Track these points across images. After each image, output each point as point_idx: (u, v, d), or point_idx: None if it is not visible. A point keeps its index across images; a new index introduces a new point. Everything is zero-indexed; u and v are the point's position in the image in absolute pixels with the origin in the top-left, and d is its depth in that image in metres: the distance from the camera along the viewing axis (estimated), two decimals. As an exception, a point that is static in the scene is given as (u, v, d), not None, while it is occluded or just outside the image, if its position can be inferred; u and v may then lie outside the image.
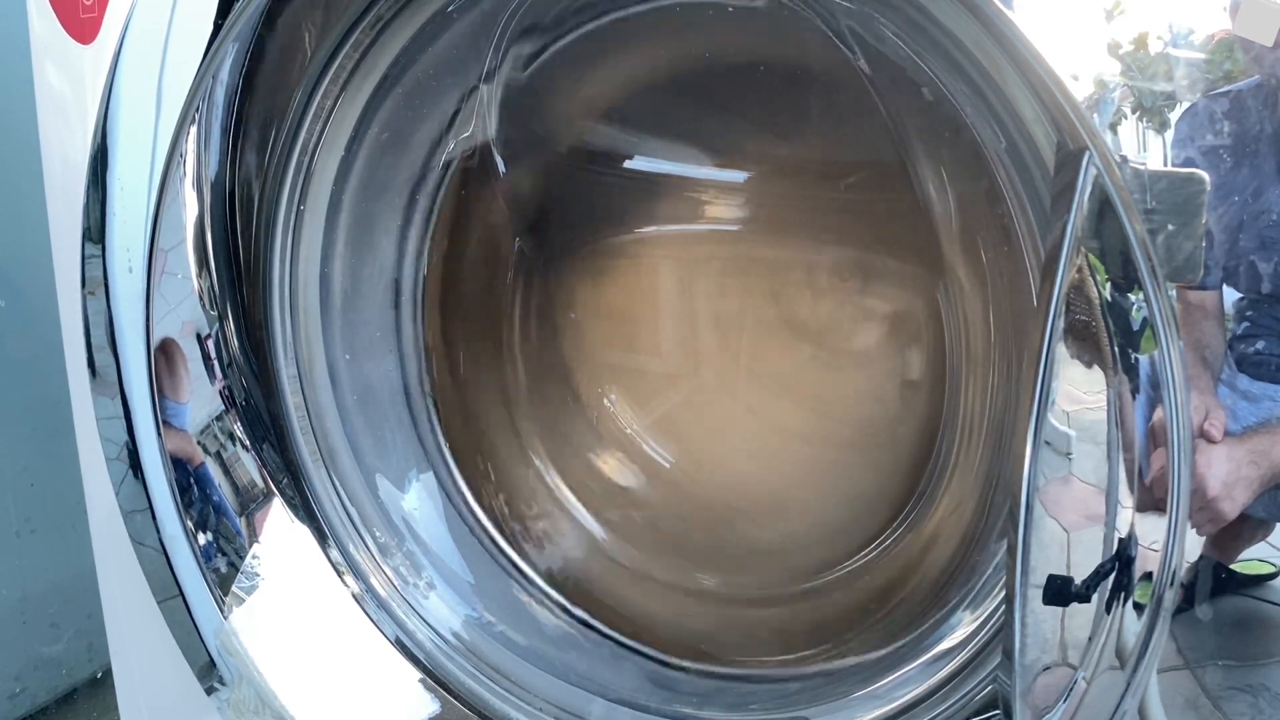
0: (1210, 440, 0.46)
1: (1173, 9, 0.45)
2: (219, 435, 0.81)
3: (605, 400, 1.00)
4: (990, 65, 0.54)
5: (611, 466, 0.99)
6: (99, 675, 1.45)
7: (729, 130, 0.89)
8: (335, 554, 0.83)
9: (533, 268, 0.97)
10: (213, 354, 0.80)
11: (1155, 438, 0.46)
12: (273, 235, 0.81)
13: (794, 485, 0.94)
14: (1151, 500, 0.47)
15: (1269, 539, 0.48)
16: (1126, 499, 0.47)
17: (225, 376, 0.81)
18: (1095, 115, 0.45)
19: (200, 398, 0.80)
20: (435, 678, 0.81)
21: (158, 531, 0.78)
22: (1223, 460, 0.46)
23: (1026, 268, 0.60)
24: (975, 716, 0.61)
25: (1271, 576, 0.48)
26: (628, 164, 0.93)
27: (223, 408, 0.81)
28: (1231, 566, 0.48)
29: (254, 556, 0.81)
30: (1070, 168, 0.46)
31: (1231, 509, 0.47)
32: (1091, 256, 0.46)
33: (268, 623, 0.80)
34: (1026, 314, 0.61)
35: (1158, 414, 0.46)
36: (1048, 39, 0.45)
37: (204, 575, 0.79)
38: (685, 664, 0.83)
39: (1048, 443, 0.47)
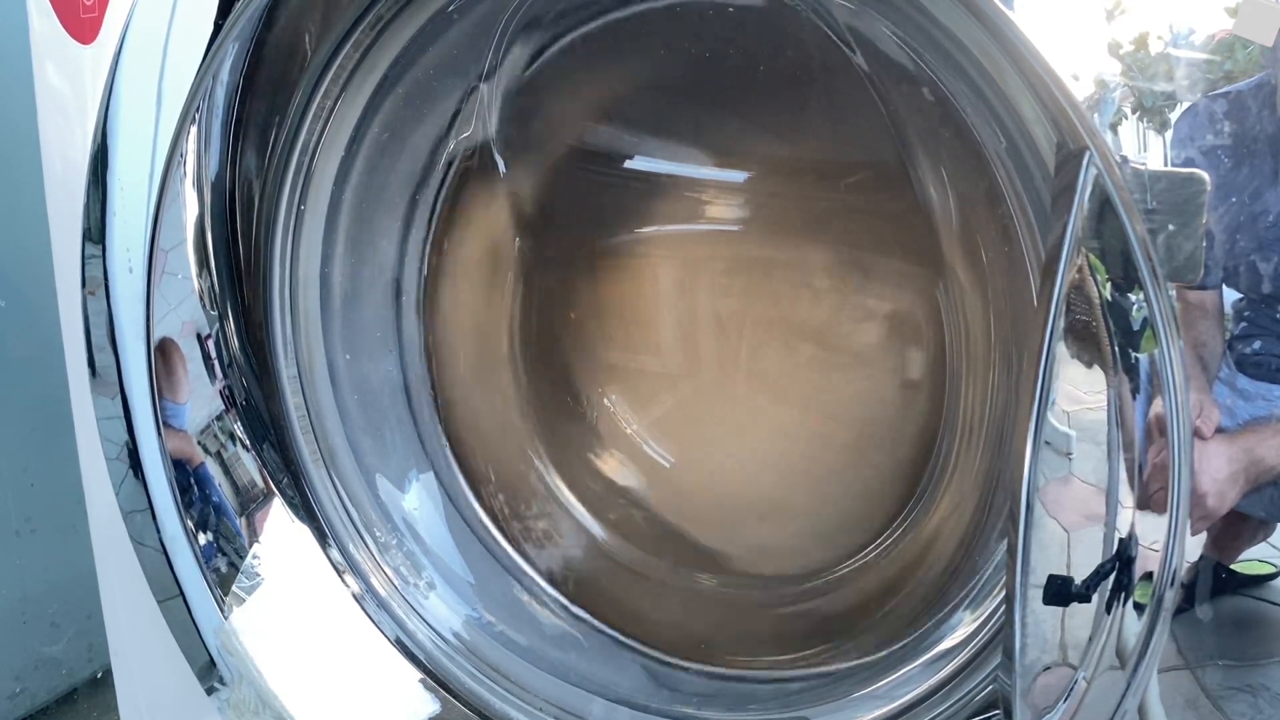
0: (1200, 436, 0.46)
1: (1173, 9, 0.45)
2: (219, 435, 0.81)
3: (605, 400, 1.00)
4: (990, 65, 0.54)
5: (611, 466, 0.99)
6: (99, 675, 1.45)
7: (729, 130, 0.89)
8: (335, 554, 0.83)
9: (533, 267, 0.97)
10: (213, 354, 0.80)
11: (1154, 438, 0.46)
12: (273, 235, 0.81)
13: (794, 485, 0.94)
14: (1151, 500, 0.47)
15: (1269, 539, 0.48)
16: (1127, 499, 0.47)
17: (225, 376, 0.81)
18: (1095, 115, 0.45)
19: (200, 398, 0.80)
20: (435, 678, 0.81)
21: (158, 531, 0.78)
22: (1214, 456, 0.46)
23: (1026, 268, 0.60)
24: (976, 716, 0.61)
25: (1271, 577, 0.48)
26: (628, 164, 0.93)
27: (223, 408, 0.81)
28: (1232, 566, 0.48)
29: (254, 556, 0.81)
30: (1070, 168, 0.46)
31: (1221, 506, 0.47)
32: (1092, 256, 0.46)
33: (268, 623, 0.80)
34: (1026, 314, 0.61)
35: (1156, 413, 0.46)
36: (1048, 39, 0.45)
37: (204, 575, 0.79)
38: (685, 664, 0.83)
39: (1048, 443, 0.47)
